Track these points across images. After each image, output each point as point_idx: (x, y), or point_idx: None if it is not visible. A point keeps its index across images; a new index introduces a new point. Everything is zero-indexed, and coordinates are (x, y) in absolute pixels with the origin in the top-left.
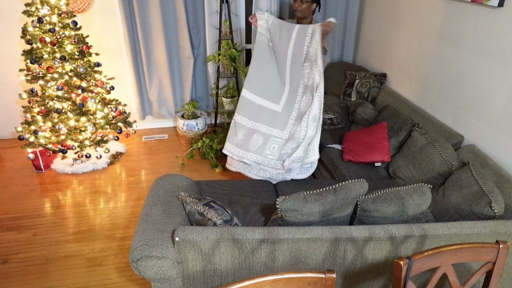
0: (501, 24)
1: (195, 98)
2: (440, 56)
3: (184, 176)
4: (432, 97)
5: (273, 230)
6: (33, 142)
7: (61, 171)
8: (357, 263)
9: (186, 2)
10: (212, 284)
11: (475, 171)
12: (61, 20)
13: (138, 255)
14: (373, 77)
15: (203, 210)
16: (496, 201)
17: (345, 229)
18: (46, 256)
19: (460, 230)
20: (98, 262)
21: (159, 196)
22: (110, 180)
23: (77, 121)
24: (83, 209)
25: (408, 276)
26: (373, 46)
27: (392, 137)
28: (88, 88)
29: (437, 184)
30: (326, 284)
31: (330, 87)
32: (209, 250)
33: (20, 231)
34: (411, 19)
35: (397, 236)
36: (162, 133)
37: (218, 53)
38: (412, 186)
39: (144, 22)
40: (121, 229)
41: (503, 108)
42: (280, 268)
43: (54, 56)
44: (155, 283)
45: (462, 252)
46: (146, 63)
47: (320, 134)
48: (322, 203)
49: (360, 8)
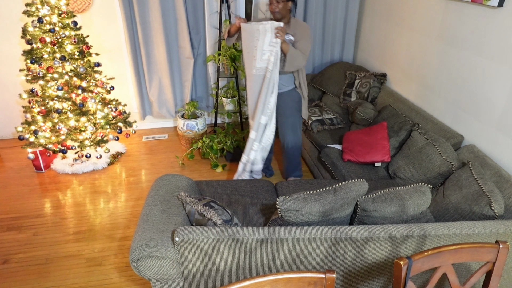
0: (501, 24)
1: (195, 98)
2: (440, 56)
3: (184, 176)
4: (432, 97)
5: (273, 230)
6: (33, 142)
7: (61, 171)
8: (357, 263)
9: (186, 2)
10: (212, 284)
11: (475, 171)
12: (61, 20)
13: (138, 255)
14: (373, 77)
15: (203, 210)
16: (496, 201)
17: (345, 229)
18: (46, 256)
19: (460, 230)
20: (98, 262)
21: (159, 196)
22: (110, 180)
23: (77, 121)
24: (83, 209)
25: (408, 276)
26: (373, 46)
27: (392, 137)
28: (88, 88)
29: (437, 184)
30: (326, 284)
31: (330, 87)
32: (209, 250)
33: (20, 231)
34: (411, 19)
35: (397, 236)
36: (162, 133)
37: (218, 53)
38: (412, 186)
39: (144, 22)
40: (121, 229)
41: (503, 108)
42: (280, 268)
43: (54, 56)
44: (155, 283)
45: (462, 252)
46: (146, 63)
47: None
48: (322, 203)
49: (360, 8)
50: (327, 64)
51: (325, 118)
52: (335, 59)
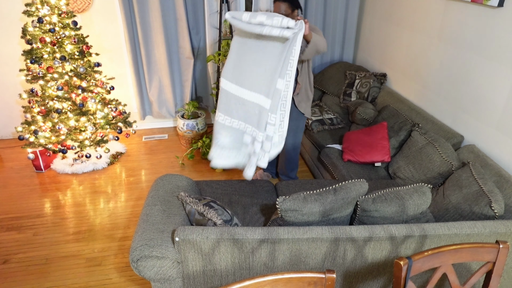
0: (501, 24)
1: (195, 98)
2: (440, 56)
3: (184, 176)
4: (432, 97)
5: (273, 230)
6: (33, 142)
7: (61, 171)
8: (357, 263)
9: (186, 2)
10: (212, 284)
11: (475, 171)
12: (61, 20)
13: (138, 255)
14: (373, 77)
15: (203, 210)
16: (496, 201)
17: (345, 229)
18: (46, 256)
19: (460, 230)
20: (98, 262)
21: (159, 196)
22: (110, 180)
23: (77, 121)
24: (83, 209)
25: (408, 276)
26: (373, 46)
27: (392, 137)
28: (88, 88)
29: (437, 184)
30: (326, 284)
31: (330, 87)
32: (209, 250)
33: (20, 231)
34: (411, 19)
35: (397, 236)
36: (162, 133)
37: (218, 53)
38: (412, 186)
39: (144, 22)
40: (121, 229)
41: (503, 108)
42: (280, 268)
43: (54, 56)
44: (155, 283)
45: (462, 252)
46: (146, 63)
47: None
48: (322, 203)
49: (360, 8)
50: (327, 64)
51: (325, 118)
52: (335, 59)
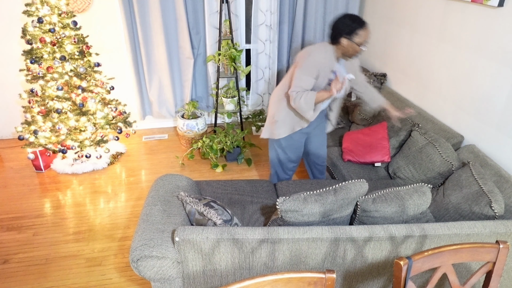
0: (501, 24)
1: (195, 98)
2: (440, 56)
3: (184, 176)
4: (432, 97)
5: (273, 230)
6: (33, 142)
7: (61, 171)
8: (357, 263)
9: (186, 2)
10: (212, 284)
11: (475, 171)
12: (61, 20)
13: (138, 255)
14: (373, 77)
15: (203, 210)
16: (496, 201)
17: (345, 229)
18: (46, 256)
19: (460, 230)
20: (98, 262)
21: (159, 196)
22: (110, 180)
23: (77, 121)
24: (83, 209)
25: (408, 276)
26: (373, 46)
27: (392, 137)
28: (88, 88)
29: (437, 184)
30: (326, 284)
31: None
32: (209, 250)
33: (20, 231)
34: (411, 19)
35: (397, 236)
36: (162, 133)
37: (218, 53)
38: (412, 186)
39: (144, 22)
40: (121, 229)
41: (503, 108)
42: (280, 268)
43: (54, 56)
44: (155, 283)
45: (462, 252)
46: (146, 63)
47: None
48: (322, 203)
49: (360, 8)
50: None
51: None
52: None
